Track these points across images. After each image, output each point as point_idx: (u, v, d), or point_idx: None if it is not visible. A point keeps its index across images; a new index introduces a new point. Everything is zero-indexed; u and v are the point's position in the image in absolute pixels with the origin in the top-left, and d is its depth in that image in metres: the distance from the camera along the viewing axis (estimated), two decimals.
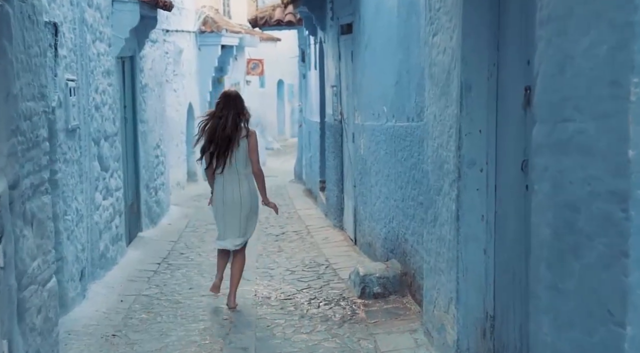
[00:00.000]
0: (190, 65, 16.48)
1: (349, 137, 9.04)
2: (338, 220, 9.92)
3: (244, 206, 6.26)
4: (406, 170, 6.16)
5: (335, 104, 9.92)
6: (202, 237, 9.93)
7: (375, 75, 7.32)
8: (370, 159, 7.63)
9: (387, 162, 6.86)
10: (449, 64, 4.49)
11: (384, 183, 7.02)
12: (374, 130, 7.37)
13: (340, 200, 9.75)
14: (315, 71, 12.68)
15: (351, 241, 8.95)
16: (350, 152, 8.96)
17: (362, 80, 7.95)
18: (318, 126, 12.21)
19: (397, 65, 6.40)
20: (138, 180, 9.86)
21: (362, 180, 8.14)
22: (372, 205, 7.59)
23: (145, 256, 8.61)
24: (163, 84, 12.11)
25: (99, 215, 7.35)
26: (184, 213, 12.15)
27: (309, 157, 13.96)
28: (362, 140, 8.01)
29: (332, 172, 10.29)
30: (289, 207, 12.63)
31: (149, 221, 10.29)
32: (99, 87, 7.48)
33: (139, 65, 9.96)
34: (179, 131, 15.66)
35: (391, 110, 6.65)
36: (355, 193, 8.59)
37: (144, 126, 10.17)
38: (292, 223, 10.83)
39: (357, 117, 8.30)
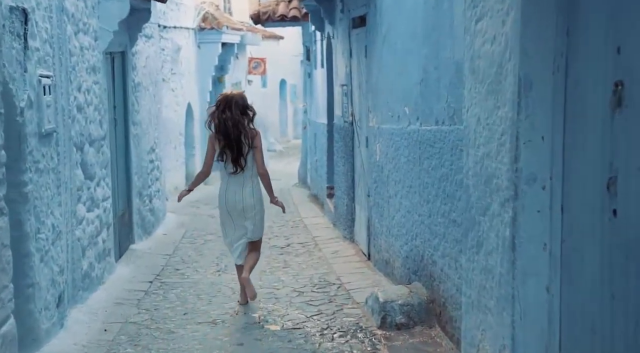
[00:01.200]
0: (189, 63, 15.61)
1: (361, 141, 8.17)
2: (348, 232, 9.04)
3: (247, 208, 6.21)
4: (434, 181, 5.28)
5: (346, 104, 9.05)
6: (199, 250, 9.05)
7: (394, 73, 6.45)
8: (388, 167, 6.76)
9: (409, 171, 5.99)
10: (500, 55, 3.60)
11: (405, 194, 6.14)
12: (393, 135, 6.49)
13: (351, 210, 8.87)
14: (321, 70, 11.80)
15: (364, 256, 8.07)
16: (363, 157, 8.08)
17: (379, 78, 7.08)
18: (325, 128, 11.33)
19: (422, 60, 5.53)
20: (130, 188, 8.99)
21: (377, 189, 7.27)
22: (391, 219, 6.71)
23: (136, 273, 7.73)
24: (159, 83, 11.24)
25: (81, 230, 6.47)
26: (181, 221, 11.27)
27: (314, 161, 13.09)
28: (378, 145, 7.14)
29: (342, 178, 9.41)
30: (293, 214, 11.75)
31: (142, 232, 9.41)
32: (82, 85, 6.61)
33: (130, 62, 9.09)
34: (177, 133, 14.80)
35: (415, 112, 5.78)
36: (369, 204, 7.71)
37: (136, 128, 9.29)
38: (297, 234, 9.94)
39: (372, 119, 7.42)
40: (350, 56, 8.62)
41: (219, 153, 6.16)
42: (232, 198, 6.20)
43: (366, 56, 7.65)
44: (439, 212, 5.19)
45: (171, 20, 14.37)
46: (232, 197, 6.20)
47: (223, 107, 6.16)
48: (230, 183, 6.20)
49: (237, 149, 6.10)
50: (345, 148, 9.09)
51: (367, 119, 7.69)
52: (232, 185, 6.20)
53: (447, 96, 4.92)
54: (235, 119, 6.08)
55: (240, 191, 6.18)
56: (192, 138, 15.95)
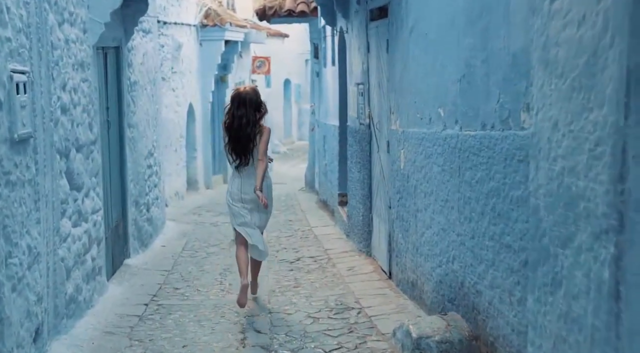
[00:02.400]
0: (191, 62, 14.75)
1: (381, 145, 7.30)
2: (364, 245, 8.18)
3: (253, 199, 6.22)
4: (480, 196, 4.41)
5: (362, 105, 8.19)
6: (201, 264, 8.19)
7: (425, 69, 5.59)
8: (415, 176, 5.90)
9: (444, 183, 5.12)
10: (594, 40, 2.74)
11: (438, 209, 5.28)
12: (422, 140, 5.63)
13: (368, 221, 8.01)
14: (332, 68, 10.94)
15: (384, 274, 7.20)
16: (383, 164, 7.22)
17: (404, 75, 6.22)
18: (336, 131, 10.46)
19: (464, 53, 4.66)
20: (125, 197, 8.12)
21: (401, 201, 6.40)
22: (419, 235, 5.85)
23: (130, 293, 6.86)
24: (158, 81, 10.38)
25: (66, 248, 5.61)
26: (182, 231, 10.40)
27: (323, 165, 12.22)
28: (403, 151, 6.27)
29: (357, 186, 8.55)
30: (302, 223, 10.89)
31: (138, 244, 8.55)
32: (67, 83, 5.75)
33: (126, 58, 8.23)
34: (177, 135, 13.94)
35: (453, 113, 4.91)
36: (391, 216, 6.85)
37: (132, 131, 8.43)
38: (308, 246, 9.08)
39: (395, 121, 6.56)
40: (368, 52, 7.76)
41: (228, 148, 6.27)
42: (242, 192, 6.25)
43: (388, 51, 6.79)
44: (486, 234, 4.32)
45: (172, 16, 13.52)
46: (241, 190, 6.26)
47: (237, 103, 6.22)
48: (241, 179, 6.27)
49: (246, 145, 6.17)
50: (361, 153, 8.23)
51: (389, 122, 6.83)
52: (242, 179, 6.26)
53: (499, 95, 4.06)
54: (249, 118, 6.16)
55: (248, 184, 6.23)
56: (193, 140, 15.09)
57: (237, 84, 18.51)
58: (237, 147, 6.21)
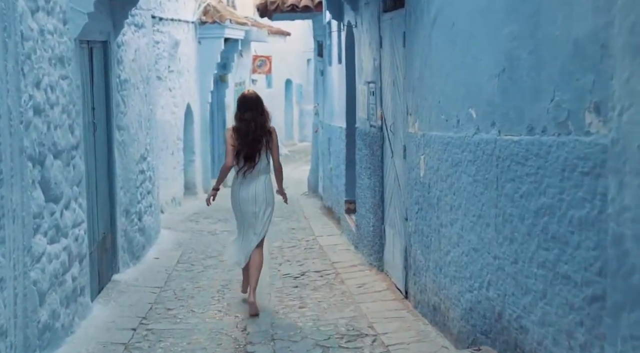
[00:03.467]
0: (189, 60, 14.01)
1: (395, 150, 6.56)
2: (376, 258, 7.43)
3: (259, 201, 6.23)
4: (526, 214, 3.66)
5: (373, 105, 7.44)
6: (196, 280, 7.44)
7: (451, 63, 4.84)
8: (438, 186, 5.15)
9: (476, 196, 4.37)
10: None
11: (469, 226, 4.53)
12: (448, 145, 4.88)
13: (379, 233, 7.26)
14: (338, 66, 10.19)
15: (399, 292, 6.45)
16: (398, 171, 6.47)
17: (424, 71, 5.47)
18: (343, 133, 9.72)
19: (504, 43, 3.92)
20: (113, 206, 7.37)
21: (421, 213, 5.66)
22: (443, 254, 5.10)
23: (117, 316, 6.11)
24: (152, 80, 9.63)
25: (39, 269, 4.86)
26: (177, 240, 9.65)
27: (328, 169, 11.48)
28: (423, 158, 5.53)
29: (367, 193, 7.80)
30: (305, 232, 10.14)
31: (129, 257, 7.80)
32: (42, 80, 5.00)
33: (115, 54, 7.48)
34: (174, 137, 13.19)
35: (488, 114, 4.16)
36: (407, 229, 6.11)
37: (122, 134, 7.69)
38: (313, 259, 8.32)
39: (413, 124, 5.82)
40: (381, 47, 7.01)
41: (237, 152, 6.18)
42: (246, 195, 6.24)
43: (404, 45, 6.05)
44: (535, 260, 3.58)
45: (168, 11, 12.77)
46: (245, 193, 6.24)
47: (244, 107, 6.23)
48: (244, 180, 6.23)
49: (254, 148, 6.16)
50: (372, 157, 7.48)
51: (405, 124, 6.08)
52: (246, 182, 6.23)
53: (554, 92, 3.31)
54: (257, 120, 6.17)
55: (254, 187, 6.22)
56: (191, 143, 14.34)
57: (237, 84, 17.78)
58: (246, 150, 6.17)
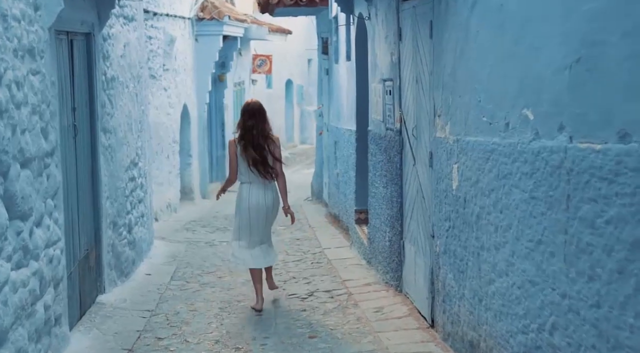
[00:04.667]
0: (185, 58, 13.15)
1: (419, 157, 5.70)
2: (393, 277, 6.58)
3: (268, 209, 6.30)
4: (618, 246, 2.80)
5: (390, 106, 6.58)
6: (192, 301, 6.58)
7: (499, 53, 3.98)
8: (479, 202, 4.28)
9: (535, 216, 3.51)
10: None
11: (524, 252, 3.66)
12: (494, 153, 4.02)
13: (398, 249, 6.40)
14: (347, 63, 9.33)
15: (424, 320, 5.59)
16: (422, 180, 5.61)
17: (459, 65, 4.61)
18: (352, 136, 8.87)
19: (580, 25, 3.05)
20: (98, 219, 6.50)
21: (453, 231, 4.80)
22: (486, 282, 4.24)
23: (100, 347, 5.23)
24: (144, 79, 8.77)
25: (1, 302, 4.01)
26: (172, 252, 8.78)
27: (334, 175, 10.61)
28: (457, 167, 4.67)
29: (382, 204, 6.94)
30: (311, 243, 9.27)
31: (117, 274, 6.93)
32: (4, 75, 4.13)
33: (101, 48, 6.62)
34: (170, 139, 12.32)
35: (554, 116, 3.30)
36: (434, 248, 5.24)
37: (109, 137, 6.82)
38: (322, 276, 7.45)
39: (443, 127, 4.96)
40: (400, 40, 6.16)
41: (241, 159, 6.21)
42: (256, 202, 6.24)
43: (432, 36, 5.19)
44: (631, 307, 2.72)
45: (163, 7, 11.90)
46: (255, 200, 6.24)
47: (248, 115, 6.26)
48: (253, 188, 6.26)
49: (260, 155, 6.19)
50: (389, 164, 6.62)
51: (432, 127, 5.23)
52: (254, 190, 6.25)
53: None
54: (260, 127, 6.17)
55: (263, 194, 6.25)
56: (188, 145, 13.46)
57: (236, 84, 16.92)
58: (250, 158, 6.17)
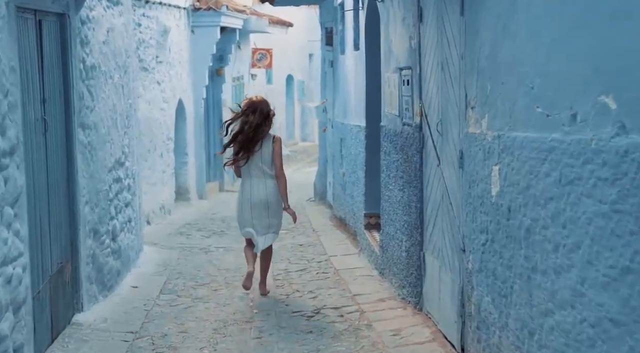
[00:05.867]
0: (180, 51, 12.29)
1: (445, 156, 4.85)
2: (411, 292, 5.74)
3: (271, 204, 6.27)
4: None
5: (408, 98, 5.73)
6: (182, 319, 5.72)
7: (561, 26, 3.12)
8: (529, 212, 3.43)
9: (621, 235, 2.66)
10: None
11: (602, 282, 2.81)
12: (553, 152, 3.17)
13: (417, 261, 5.56)
14: (354, 53, 8.48)
15: (451, 347, 4.73)
16: (448, 184, 4.76)
17: (501, 44, 3.75)
18: (361, 133, 8.02)
19: None
20: (75, 227, 5.65)
21: (491, 246, 3.95)
22: (540, 313, 3.38)
23: None
24: (133, 70, 7.91)
25: None
26: (163, 260, 7.92)
27: (340, 175, 9.77)
28: (498, 168, 3.81)
29: (398, 209, 6.10)
30: (316, 249, 8.42)
31: (98, 288, 6.08)
32: None
33: (78, 32, 5.76)
34: (164, 137, 11.47)
35: None
36: (465, 264, 4.39)
37: (89, 134, 5.97)
38: (329, 289, 6.60)
39: (479, 120, 4.10)
40: (420, 22, 5.31)
41: (237, 153, 6.25)
42: (257, 197, 6.26)
43: (462, 13, 4.33)
44: None
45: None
46: (256, 195, 6.26)
47: (248, 112, 6.23)
48: (253, 183, 6.28)
49: (250, 147, 6.19)
50: (406, 165, 5.78)
51: (463, 121, 4.38)
52: (254, 185, 6.28)
53: None
54: (255, 123, 6.16)
55: (264, 190, 6.25)
56: (183, 143, 12.61)
57: (235, 79, 16.08)
58: (241, 150, 6.20)
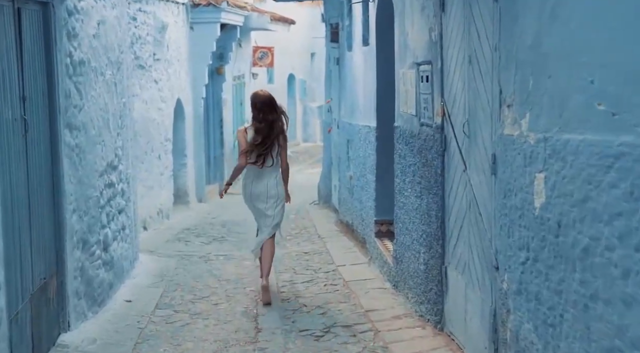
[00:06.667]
0: (179, 48, 11.73)
1: (473, 160, 4.30)
2: (430, 309, 5.18)
3: (271, 196, 6.34)
4: None
5: (427, 95, 5.18)
6: (179, 339, 5.16)
7: (635, 5, 2.58)
8: (587, 229, 2.86)
9: None
10: None
11: None
12: (622, 158, 2.60)
13: (438, 275, 5.00)
14: (363, 49, 7.92)
15: None
16: (477, 191, 4.20)
17: (548, 31, 3.18)
18: (371, 134, 7.46)
19: None
20: (61, 237, 5.08)
21: (535, 266, 3.38)
22: (602, 349, 2.83)
23: None
24: (127, 66, 7.35)
25: None
26: (160, 270, 7.36)
27: (346, 178, 9.21)
28: (544, 176, 3.25)
29: (415, 217, 5.55)
30: (322, 257, 7.86)
31: (87, 304, 5.52)
32: None
33: (64, 24, 5.20)
34: (162, 138, 10.90)
35: None
36: (502, 285, 3.83)
37: (77, 136, 5.41)
38: (338, 302, 6.03)
39: (517, 119, 3.54)
40: (442, 11, 4.75)
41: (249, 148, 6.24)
42: (257, 190, 6.34)
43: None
44: None
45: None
46: (257, 189, 6.34)
47: (260, 106, 6.26)
48: (256, 176, 6.33)
49: (269, 146, 6.23)
50: (425, 169, 5.23)
51: (496, 121, 3.82)
52: (257, 178, 6.33)
53: None
54: (273, 119, 6.22)
55: (265, 183, 6.31)
56: (182, 144, 12.05)
57: (236, 78, 15.53)
58: (261, 149, 6.22)
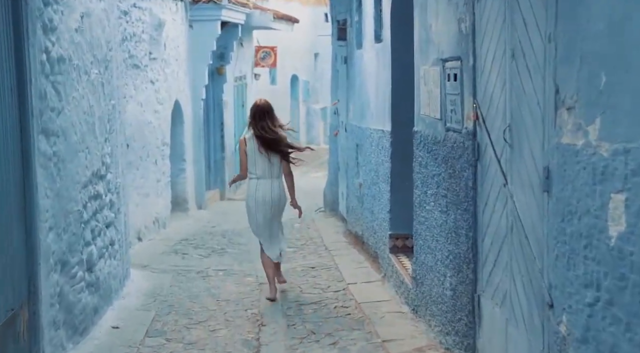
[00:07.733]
0: (177, 47, 11.03)
1: (517, 174, 3.58)
2: (458, 341, 4.47)
3: (274, 204, 6.41)
4: None
5: (454, 97, 4.47)
6: None
7: None
8: None
9: None
10: None
11: None
12: None
13: (468, 304, 4.30)
14: (375, 46, 7.22)
15: None
16: (522, 211, 3.49)
17: (628, 14, 2.51)
18: (385, 139, 6.76)
19: None
20: (33, 260, 4.38)
21: (613, 310, 2.68)
22: None
23: None
24: (117, 65, 6.65)
25: None
26: (153, 289, 6.65)
27: (355, 185, 8.50)
28: (624, 198, 2.54)
29: (439, 235, 4.84)
30: (330, 273, 7.16)
31: (66, 335, 4.81)
32: None
33: (39, 14, 4.49)
34: (159, 142, 10.19)
35: None
36: (559, 328, 3.11)
37: (55, 143, 4.70)
38: (350, 329, 5.31)
39: (581, 126, 2.82)
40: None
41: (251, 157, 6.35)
42: (262, 197, 6.37)
43: None
44: None
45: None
46: (262, 195, 6.37)
47: (259, 115, 6.37)
48: (260, 184, 6.38)
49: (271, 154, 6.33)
50: (452, 181, 4.52)
51: (549, 126, 3.11)
52: (261, 186, 6.38)
53: None
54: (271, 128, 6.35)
55: (270, 190, 6.37)
56: (181, 148, 11.35)
57: (237, 78, 14.84)
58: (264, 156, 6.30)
